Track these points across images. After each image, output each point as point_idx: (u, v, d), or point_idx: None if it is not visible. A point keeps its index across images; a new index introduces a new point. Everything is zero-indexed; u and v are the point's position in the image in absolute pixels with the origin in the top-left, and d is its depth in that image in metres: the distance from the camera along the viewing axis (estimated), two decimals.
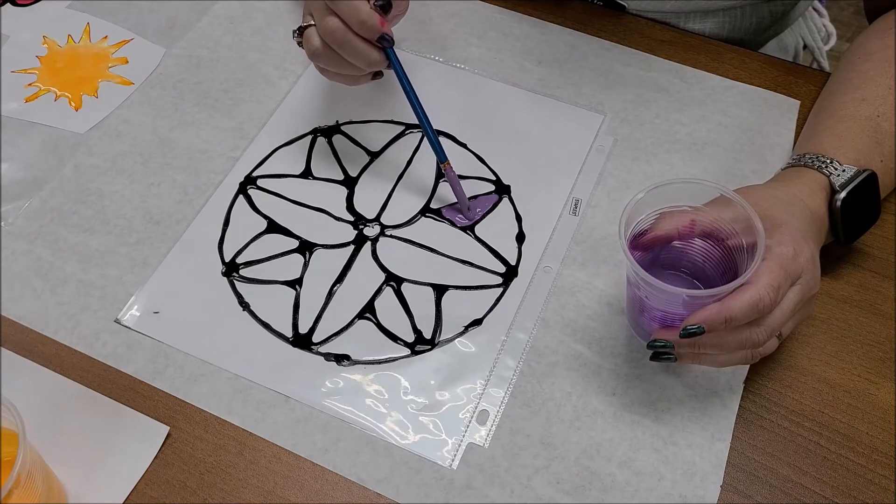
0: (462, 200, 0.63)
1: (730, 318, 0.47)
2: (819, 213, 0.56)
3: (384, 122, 0.70)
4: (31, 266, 0.62)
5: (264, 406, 0.56)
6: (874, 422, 0.55)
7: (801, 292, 0.50)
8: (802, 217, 0.53)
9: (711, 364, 0.52)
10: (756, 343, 0.49)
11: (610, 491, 0.52)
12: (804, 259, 0.50)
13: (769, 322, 0.49)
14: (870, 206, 0.59)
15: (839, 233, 0.58)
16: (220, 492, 0.52)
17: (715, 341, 0.50)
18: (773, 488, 0.52)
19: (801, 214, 0.53)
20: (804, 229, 0.52)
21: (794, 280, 0.49)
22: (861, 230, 0.59)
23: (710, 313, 0.48)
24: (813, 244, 0.52)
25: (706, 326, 0.48)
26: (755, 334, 0.49)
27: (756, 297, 0.47)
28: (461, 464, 0.53)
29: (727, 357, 0.51)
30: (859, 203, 0.57)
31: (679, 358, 0.52)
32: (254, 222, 0.64)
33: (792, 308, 0.50)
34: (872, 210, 0.59)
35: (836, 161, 0.57)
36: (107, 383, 0.56)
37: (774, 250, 0.49)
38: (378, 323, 0.59)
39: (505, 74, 0.73)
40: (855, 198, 0.57)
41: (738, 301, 0.47)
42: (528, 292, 0.61)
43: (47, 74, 0.74)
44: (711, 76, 0.73)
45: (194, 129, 0.70)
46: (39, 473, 0.48)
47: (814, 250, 0.51)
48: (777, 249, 0.49)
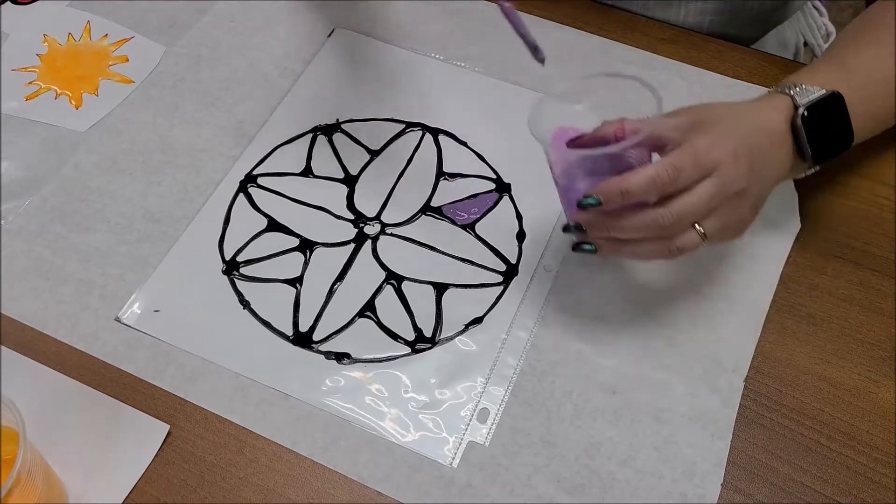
0: (528, 39, 0.57)
1: (625, 189, 0.49)
2: (773, 127, 0.55)
3: (385, 120, 0.70)
4: (32, 265, 0.62)
5: (265, 404, 0.56)
6: (875, 420, 0.55)
7: (717, 185, 0.50)
8: (742, 121, 0.54)
9: (632, 255, 0.53)
10: (662, 225, 0.50)
11: (610, 490, 0.52)
12: (723, 152, 0.50)
13: (676, 206, 0.50)
14: (840, 128, 0.58)
15: (805, 150, 0.56)
16: (221, 490, 0.52)
17: (621, 222, 0.51)
18: (773, 487, 0.52)
19: (740, 119, 0.54)
20: (737, 129, 0.52)
21: (707, 171, 0.50)
22: (831, 152, 0.58)
23: (606, 184, 0.49)
24: (743, 146, 0.52)
25: (603, 197, 0.49)
26: (661, 216, 0.50)
27: (653, 172, 0.49)
28: (461, 462, 0.53)
29: (644, 248, 0.52)
30: (825, 122, 0.56)
31: (599, 249, 0.53)
32: (254, 221, 0.64)
33: (706, 199, 0.50)
34: (843, 133, 0.58)
35: (803, 84, 0.57)
36: (107, 382, 0.56)
37: (690, 139, 0.51)
38: (378, 321, 0.59)
39: (505, 72, 0.73)
40: (819, 115, 0.56)
41: (634, 174, 0.49)
42: (528, 291, 0.61)
43: (48, 73, 0.74)
44: (711, 74, 0.73)
45: (195, 127, 0.70)
46: (40, 472, 0.48)
47: (740, 149, 0.51)
48: (693, 138, 0.51)
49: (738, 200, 0.52)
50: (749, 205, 0.53)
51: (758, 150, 0.53)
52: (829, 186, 0.66)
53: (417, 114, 0.71)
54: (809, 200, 0.65)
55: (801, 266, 0.62)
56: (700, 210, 0.50)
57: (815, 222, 0.64)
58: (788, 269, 0.61)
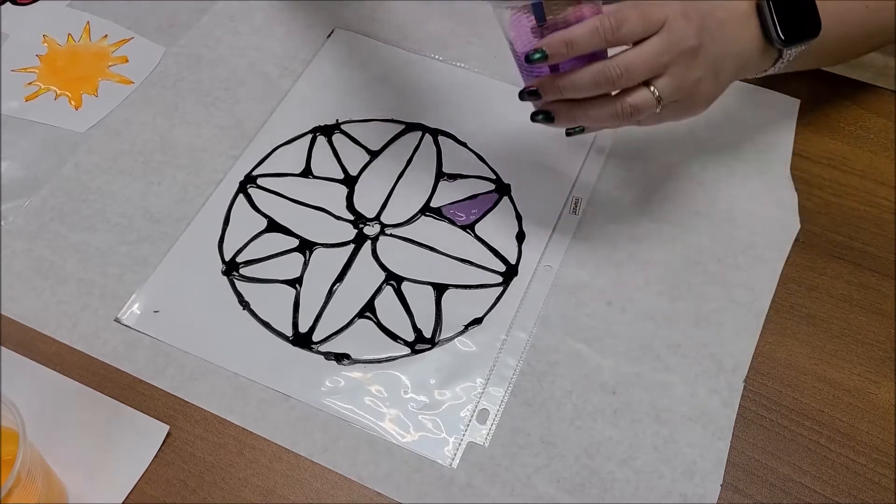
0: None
1: (569, 39, 0.50)
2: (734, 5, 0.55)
3: (384, 120, 0.70)
4: (31, 265, 0.62)
5: (264, 405, 0.56)
6: (874, 421, 0.55)
7: (664, 40, 0.51)
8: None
9: (587, 120, 0.53)
10: (610, 76, 0.50)
11: (610, 490, 0.52)
12: (670, 10, 0.51)
13: (622, 57, 0.51)
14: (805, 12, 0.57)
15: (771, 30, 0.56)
16: (221, 491, 0.52)
17: (571, 79, 0.51)
18: (773, 487, 0.53)
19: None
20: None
21: (653, 25, 0.51)
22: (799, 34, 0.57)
23: (551, 37, 0.50)
24: (693, 8, 0.52)
25: (549, 49, 0.50)
26: (608, 66, 0.50)
27: (597, 21, 0.50)
28: (461, 462, 0.53)
29: (597, 110, 0.52)
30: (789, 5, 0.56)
31: (556, 116, 0.54)
32: (254, 221, 0.64)
33: (654, 53, 0.51)
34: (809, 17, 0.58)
35: None
36: (107, 382, 0.56)
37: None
38: (378, 322, 0.59)
39: (505, 73, 0.73)
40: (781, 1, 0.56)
41: (578, 26, 0.50)
42: (528, 291, 0.61)
43: (47, 73, 0.74)
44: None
45: (194, 127, 0.70)
46: (40, 472, 0.48)
47: (689, 10, 0.52)
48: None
49: (690, 60, 0.52)
50: (705, 68, 0.53)
51: (712, 17, 0.54)
52: (829, 187, 0.66)
53: (417, 114, 0.71)
54: (809, 201, 0.65)
55: (800, 267, 0.62)
56: (648, 63, 0.51)
57: (815, 223, 0.64)
58: (788, 270, 0.61)
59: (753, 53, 0.57)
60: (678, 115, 0.55)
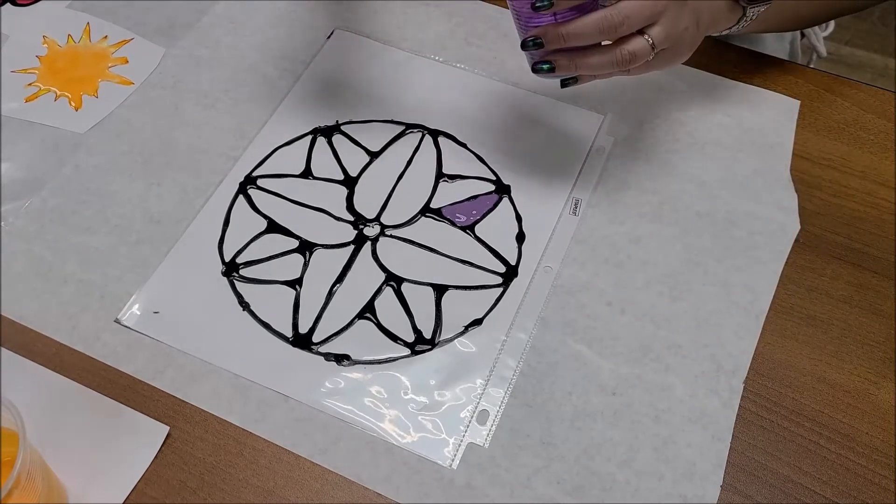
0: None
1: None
2: None
3: (384, 122, 0.70)
4: (31, 266, 0.62)
5: (264, 406, 0.56)
6: (874, 422, 0.55)
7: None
8: None
9: (587, 68, 0.55)
10: (612, 23, 0.52)
11: (610, 491, 0.52)
12: None
13: (623, 7, 0.52)
14: None
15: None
16: (220, 492, 0.52)
17: (574, 26, 0.53)
18: (773, 488, 0.53)
19: None
20: None
21: None
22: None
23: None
24: None
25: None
26: (609, 14, 0.52)
27: None
28: (461, 463, 0.53)
29: (598, 58, 0.54)
30: None
31: (557, 66, 0.55)
32: (254, 222, 0.64)
33: (650, 4, 0.52)
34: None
35: None
36: (107, 383, 0.56)
37: None
38: (378, 323, 0.59)
39: (505, 74, 0.73)
40: None
41: None
42: (528, 292, 0.61)
43: (47, 74, 0.74)
44: (711, 76, 0.73)
45: (194, 128, 0.70)
46: (39, 473, 0.48)
47: None
48: None
49: (679, 10, 0.55)
50: (690, 17, 0.56)
51: None
52: (829, 187, 0.66)
53: (417, 115, 0.71)
54: (809, 202, 0.65)
55: (800, 267, 0.62)
56: (644, 12, 0.53)
57: (815, 223, 0.64)
58: (788, 271, 0.62)
59: (723, 9, 0.60)
60: (666, 62, 0.57)
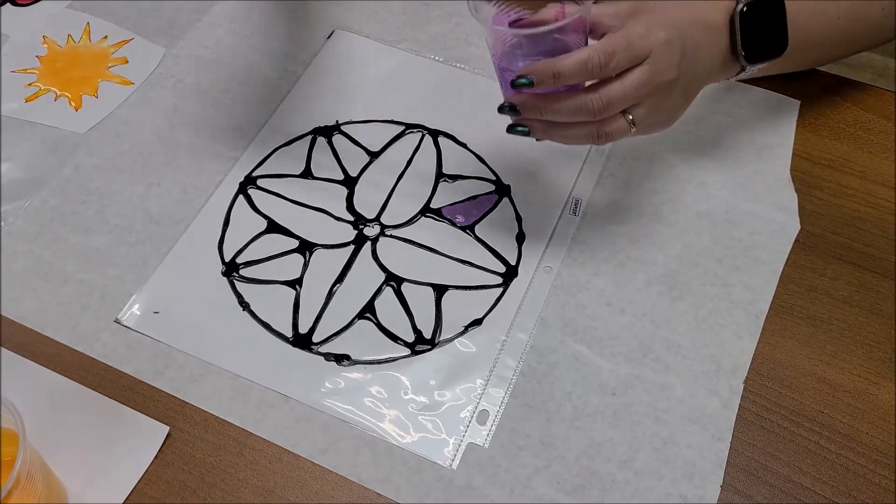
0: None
1: (557, 71, 0.50)
2: (711, 21, 0.56)
3: (384, 122, 0.70)
4: (31, 266, 0.62)
5: (264, 406, 0.56)
6: (874, 422, 0.55)
7: (648, 73, 0.51)
8: (682, 12, 0.55)
9: (563, 139, 0.54)
10: (592, 109, 0.51)
11: (610, 491, 0.52)
12: (656, 41, 0.51)
13: (606, 92, 0.51)
14: (775, 31, 0.59)
15: (738, 47, 0.57)
16: (220, 492, 0.52)
17: (554, 104, 0.52)
18: (772, 488, 0.53)
19: (680, 10, 0.55)
20: (674, 19, 0.53)
21: (639, 58, 0.51)
22: (763, 53, 0.59)
23: (539, 65, 0.50)
24: (678, 36, 0.53)
25: (535, 78, 0.51)
26: (591, 100, 0.51)
27: (586, 55, 0.50)
28: (461, 464, 0.53)
29: (574, 132, 0.54)
30: (762, 23, 0.57)
31: (532, 131, 0.55)
32: (254, 222, 0.64)
33: (636, 87, 0.51)
34: (778, 38, 0.59)
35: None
36: (107, 383, 0.56)
37: (627, 26, 0.52)
38: (378, 323, 0.59)
39: None
40: (757, 14, 0.57)
41: (567, 57, 0.50)
42: (528, 292, 0.61)
43: (47, 74, 0.74)
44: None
45: (194, 128, 0.70)
46: (39, 473, 0.48)
47: (674, 38, 0.52)
48: (629, 26, 0.52)
49: (667, 90, 0.53)
50: (678, 95, 0.55)
51: (692, 41, 0.54)
52: (830, 188, 0.66)
53: (417, 115, 0.71)
54: (809, 202, 0.65)
55: (800, 267, 0.62)
56: (629, 97, 0.52)
57: (815, 224, 0.64)
58: (788, 271, 0.61)
59: (718, 66, 0.58)
60: (648, 132, 0.56)
